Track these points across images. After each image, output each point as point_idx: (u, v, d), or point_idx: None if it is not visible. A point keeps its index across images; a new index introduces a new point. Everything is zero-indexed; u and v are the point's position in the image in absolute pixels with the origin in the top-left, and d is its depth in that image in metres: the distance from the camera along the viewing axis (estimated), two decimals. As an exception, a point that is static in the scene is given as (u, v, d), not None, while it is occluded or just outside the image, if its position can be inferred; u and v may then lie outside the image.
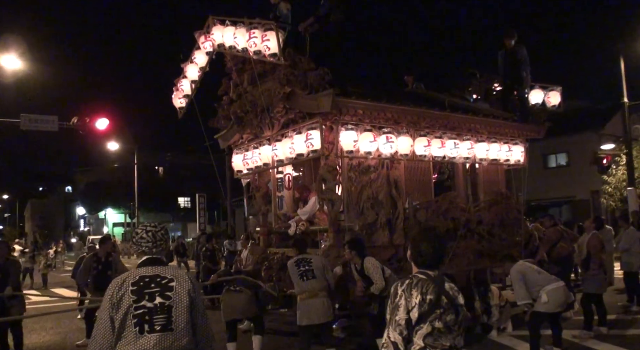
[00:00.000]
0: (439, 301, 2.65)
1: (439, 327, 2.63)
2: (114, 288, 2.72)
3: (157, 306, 2.69)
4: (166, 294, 2.74)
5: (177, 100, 8.37)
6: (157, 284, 2.75)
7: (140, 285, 2.73)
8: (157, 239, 2.93)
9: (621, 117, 20.42)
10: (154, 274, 2.79)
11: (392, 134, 7.06)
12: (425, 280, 2.70)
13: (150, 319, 2.67)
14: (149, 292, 2.71)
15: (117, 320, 2.65)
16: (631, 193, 17.49)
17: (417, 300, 2.63)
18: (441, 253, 2.90)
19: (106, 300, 2.71)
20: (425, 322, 2.63)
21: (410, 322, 2.64)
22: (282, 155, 7.33)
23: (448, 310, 2.66)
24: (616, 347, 6.84)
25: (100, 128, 19.23)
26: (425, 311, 2.63)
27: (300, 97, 6.77)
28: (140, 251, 2.93)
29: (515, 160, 8.83)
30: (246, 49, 6.62)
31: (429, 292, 2.64)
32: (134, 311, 2.66)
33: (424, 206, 7.67)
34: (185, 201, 59.15)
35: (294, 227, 7.79)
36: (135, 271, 2.82)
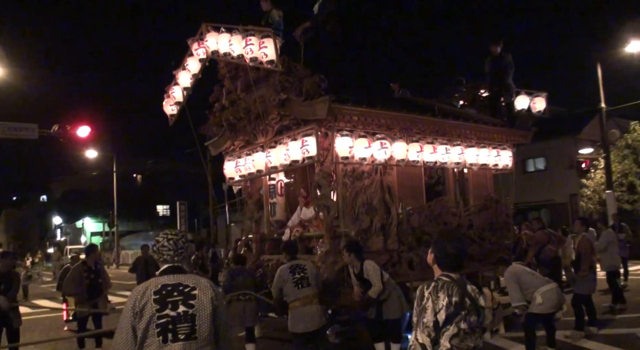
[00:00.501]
0: (463, 303, 2.70)
1: (464, 328, 2.68)
2: (136, 297, 2.70)
3: (180, 315, 2.68)
4: (189, 302, 2.72)
5: (168, 107, 8.32)
6: (179, 293, 2.73)
7: (163, 294, 2.70)
8: (179, 247, 2.91)
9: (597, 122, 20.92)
10: (177, 283, 2.77)
11: (386, 140, 7.13)
12: (450, 283, 2.74)
13: (173, 328, 2.66)
14: (172, 301, 2.70)
15: (140, 330, 2.63)
16: (609, 196, 17.88)
17: (444, 303, 2.67)
18: (463, 255, 2.94)
19: (128, 309, 2.69)
20: (451, 323, 2.67)
21: (438, 324, 2.67)
22: (276, 161, 7.34)
23: (471, 311, 2.72)
24: (607, 346, 7.00)
25: (81, 136, 19.05)
26: (452, 313, 2.67)
27: (296, 104, 6.80)
28: (162, 259, 2.91)
29: (503, 165, 8.98)
30: (242, 55, 6.64)
31: (454, 294, 2.69)
32: (157, 320, 2.64)
33: (417, 211, 7.76)
34: (164, 209, 58.55)
35: (288, 233, 7.81)
36: (157, 279, 2.80)
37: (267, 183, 8.49)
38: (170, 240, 2.92)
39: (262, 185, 8.49)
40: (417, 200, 8.04)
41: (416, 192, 8.08)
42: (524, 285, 6.37)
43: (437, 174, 8.79)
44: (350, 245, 6.32)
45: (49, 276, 27.86)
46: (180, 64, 7.85)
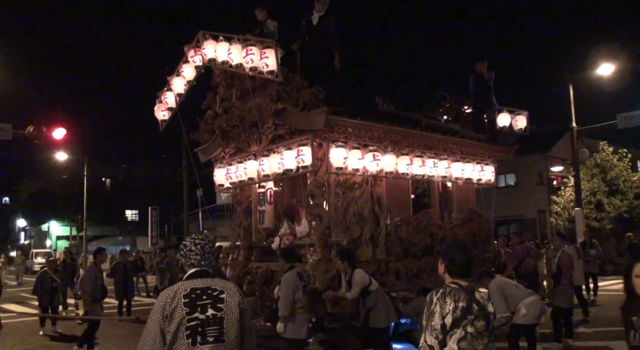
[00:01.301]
0: (471, 308, 2.87)
1: (471, 332, 2.85)
2: (165, 300, 2.73)
3: (209, 318, 2.73)
4: (218, 305, 2.78)
5: (159, 112, 8.33)
6: (208, 296, 2.79)
7: (192, 298, 2.75)
8: (206, 251, 2.95)
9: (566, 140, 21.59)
10: (205, 286, 2.82)
11: (378, 151, 7.30)
12: (458, 289, 2.94)
13: (203, 331, 2.71)
14: (201, 304, 2.75)
15: (170, 332, 2.68)
16: (578, 213, 18.42)
17: (450, 308, 2.86)
18: (471, 264, 3.14)
19: (156, 312, 2.72)
20: (458, 327, 2.85)
21: (445, 327, 2.85)
22: (268, 170, 7.41)
23: (479, 317, 2.88)
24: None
25: (56, 138, 18.70)
26: (458, 317, 2.85)
27: (292, 114, 6.91)
28: (189, 264, 2.94)
29: (486, 179, 9.24)
30: (241, 64, 6.72)
31: (461, 300, 2.88)
32: (186, 323, 2.69)
33: (405, 222, 7.93)
34: (133, 214, 57.63)
35: (278, 241, 7.87)
36: (186, 283, 2.84)
37: (257, 191, 8.54)
38: (197, 244, 2.96)
39: (252, 193, 8.55)
40: (405, 211, 8.22)
41: (403, 204, 8.25)
42: (509, 297, 6.58)
43: (424, 187, 8.98)
44: (343, 253, 6.48)
45: (11, 279, 27.10)
46: (174, 70, 7.89)
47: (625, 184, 20.52)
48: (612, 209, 20.21)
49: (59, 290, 11.54)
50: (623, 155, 21.19)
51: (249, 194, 8.57)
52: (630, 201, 20.31)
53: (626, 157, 21.17)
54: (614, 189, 20.51)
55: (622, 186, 20.46)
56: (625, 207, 20.22)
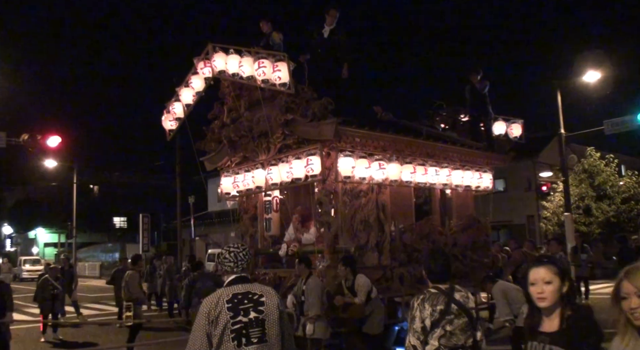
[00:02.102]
0: (449, 309, 3.19)
1: (450, 330, 3.17)
2: (210, 306, 2.91)
3: (252, 320, 2.92)
4: (259, 308, 2.97)
5: (167, 122, 8.49)
6: (249, 300, 2.98)
7: (235, 302, 2.94)
8: (239, 259, 3.12)
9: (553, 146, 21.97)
10: (245, 291, 3.01)
11: (383, 160, 7.53)
12: (436, 294, 3.25)
13: (247, 333, 2.89)
14: (244, 308, 2.93)
15: (216, 336, 2.85)
16: (568, 218, 18.75)
17: (428, 312, 3.18)
18: (448, 268, 3.48)
19: (202, 318, 2.90)
20: (438, 327, 3.17)
21: (426, 329, 3.17)
22: (277, 178, 7.59)
23: (459, 315, 3.20)
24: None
25: (51, 146, 18.68)
26: (437, 319, 3.17)
27: (301, 124, 7.11)
28: (224, 270, 3.14)
29: (484, 186, 9.52)
30: (252, 77, 6.92)
31: (439, 303, 3.19)
32: (231, 326, 2.86)
33: (409, 229, 8.16)
34: (121, 221, 57.28)
35: (285, 248, 8.05)
36: (227, 289, 3.02)
37: (262, 199, 8.72)
38: (231, 252, 3.14)
39: (257, 201, 8.72)
40: (407, 218, 8.45)
41: (406, 211, 8.48)
42: (512, 300, 6.81)
43: (426, 194, 9.22)
44: (346, 259, 6.72)
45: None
46: (182, 81, 8.05)
47: (613, 189, 21.00)
48: (600, 213, 20.68)
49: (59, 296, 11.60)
50: (610, 160, 21.67)
51: (254, 202, 8.74)
52: (617, 206, 20.78)
53: (613, 163, 21.66)
54: (602, 194, 20.99)
55: (609, 191, 20.95)
56: (613, 212, 20.69)
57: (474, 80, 9.86)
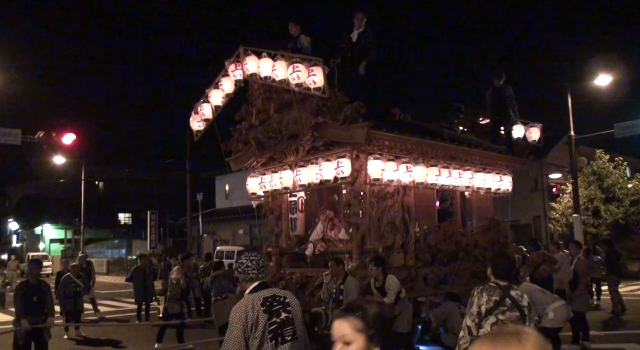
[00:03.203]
0: (503, 301, 3.75)
1: (502, 319, 3.71)
2: (245, 312, 3.10)
3: (283, 320, 3.18)
4: (287, 309, 3.23)
5: (195, 123, 8.64)
6: (278, 302, 3.22)
7: (267, 305, 3.16)
8: (260, 265, 3.35)
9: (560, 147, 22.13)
10: (272, 295, 3.26)
11: (411, 163, 7.68)
12: (494, 287, 3.83)
13: (282, 332, 3.15)
14: (275, 310, 3.18)
15: (256, 339, 3.07)
16: (576, 219, 18.97)
17: (484, 300, 3.77)
18: (511, 269, 4.13)
19: (237, 322, 3.08)
20: (491, 314, 3.72)
21: (480, 314, 3.75)
22: (306, 180, 7.74)
23: (512, 308, 3.74)
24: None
25: (66, 143, 18.89)
26: (491, 307, 3.73)
27: (332, 127, 7.26)
28: (248, 278, 3.31)
29: (504, 189, 9.66)
30: (285, 80, 7.07)
31: (495, 295, 3.77)
32: (268, 327, 3.10)
33: (433, 230, 8.32)
34: (126, 217, 57.53)
35: (312, 248, 8.21)
36: (256, 294, 3.22)
37: (288, 199, 8.88)
38: (252, 260, 3.34)
39: (283, 202, 8.88)
40: (431, 220, 8.61)
41: (430, 213, 8.64)
42: (536, 301, 6.95)
43: (450, 197, 9.37)
44: (377, 259, 6.87)
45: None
46: (213, 83, 8.20)
47: (621, 191, 21.14)
48: (609, 215, 20.81)
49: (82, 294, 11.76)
50: (619, 163, 21.80)
51: (280, 202, 8.90)
52: (626, 208, 20.92)
53: (622, 165, 21.79)
54: (611, 196, 21.13)
55: (618, 193, 21.08)
56: (622, 214, 20.83)
57: (496, 84, 9.99)
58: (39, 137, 18.19)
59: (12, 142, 18.08)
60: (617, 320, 10.97)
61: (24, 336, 6.95)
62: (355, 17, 8.28)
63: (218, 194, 35.06)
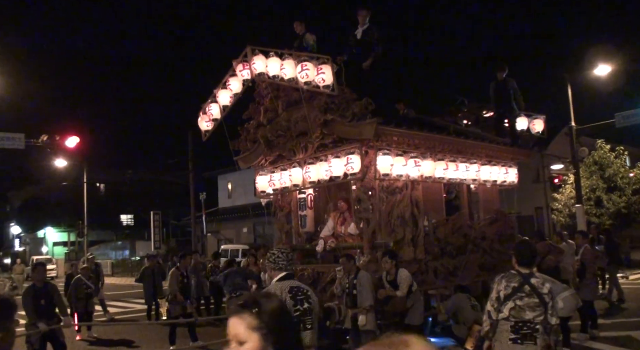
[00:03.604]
0: (522, 288, 3.99)
1: (520, 305, 3.96)
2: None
3: (306, 309, 3.49)
4: (309, 300, 3.54)
5: (203, 123, 8.72)
6: (302, 293, 3.55)
7: (293, 293, 3.50)
8: (289, 258, 3.73)
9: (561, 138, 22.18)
10: (297, 286, 3.62)
11: (419, 158, 7.77)
12: (514, 275, 4.10)
13: (304, 319, 3.46)
14: (300, 299, 3.50)
15: None
16: (579, 210, 19.09)
17: (503, 286, 4.07)
18: (534, 257, 4.33)
19: None
20: (510, 300, 4.00)
21: (500, 299, 4.05)
22: (315, 177, 7.84)
23: (530, 295, 3.97)
24: (609, 346, 7.86)
25: (69, 146, 18.94)
26: (509, 293, 4.01)
27: (340, 124, 7.35)
28: (278, 267, 3.67)
29: (510, 181, 9.77)
30: (294, 79, 7.15)
31: (514, 282, 4.05)
32: (294, 313, 3.38)
33: (442, 223, 8.42)
34: (128, 219, 57.68)
35: (322, 244, 8.31)
36: (284, 283, 3.56)
37: (297, 197, 8.97)
38: (283, 252, 3.74)
39: (292, 199, 8.97)
40: (439, 213, 8.70)
41: (437, 206, 8.74)
42: (548, 291, 7.09)
43: (456, 190, 9.46)
44: (391, 253, 6.99)
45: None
46: (220, 83, 8.28)
47: (623, 180, 21.25)
48: (611, 204, 20.94)
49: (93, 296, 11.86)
50: (620, 152, 21.92)
51: (289, 199, 8.99)
52: (628, 197, 21.05)
53: (623, 155, 21.91)
54: (612, 185, 21.25)
55: (620, 183, 21.20)
56: (624, 203, 20.95)
57: (499, 77, 10.07)
58: (42, 141, 18.22)
59: (15, 147, 18.13)
60: (621, 309, 11.09)
61: (38, 340, 7.00)
62: (358, 14, 8.36)
63: (221, 192, 35.14)
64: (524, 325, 3.94)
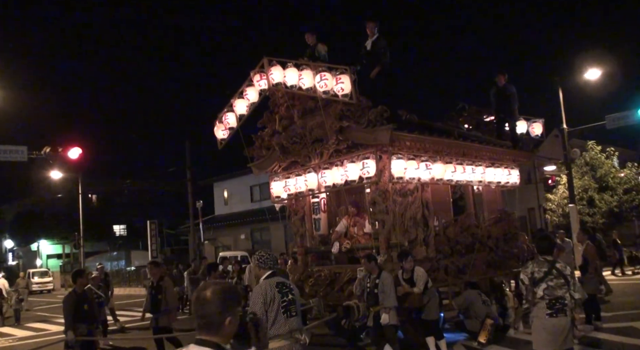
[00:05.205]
0: (551, 272, 4.77)
1: (551, 285, 4.73)
2: (265, 291, 4.16)
3: (291, 300, 4.24)
4: (292, 292, 4.30)
5: (219, 131, 9.05)
6: (286, 287, 4.29)
7: (280, 288, 4.23)
8: (273, 258, 4.44)
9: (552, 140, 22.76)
10: (281, 281, 4.33)
11: (429, 161, 8.17)
12: (543, 262, 4.88)
13: (290, 308, 4.20)
14: (285, 291, 4.24)
15: (273, 311, 4.12)
16: (572, 209, 19.59)
17: (535, 269, 4.83)
18: (552, 246, 5.18)
19: (259, 298, 4.14)
20: (543, 281, 4.75)
21: (534, 280, 4.79)
22: (330, 181, 8.20)
23: (557, 277, 4.75)
24: (614, 336, 8.25)
25: (72, 157, 19.14)
26: (542, 277, 4.77)
27: (356, 131, 7.72)
28: (266, 267, 4.34)
29: (512, 182, 10.20)
30: (312, 88, 7.52)
31: (544, 267, 4.81)
32: (282, 304, 4.16)
33: (452, 223, 8.81)
34: (121, 229, 57.55)
35: (337, 246, 8.65)
36: (271, 279, 4.27)
37: (310, 201, 9.32)
38: (269, 254, 4.45)
39: (305, 203, 9.32)
40: (447, 214, 9.11)
41: (445, 207, 9.14)
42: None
43: (461, 191, 9.86)
44: (409, 254, 7.39)
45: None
46: (237, 92, 8.63)
47: (614, 180, 21.82)
48: (603, 204, 21.48)
49: (105, 305, 12.06)
50: (611, 153, 22.51)
51: (303, 204, 9.33)
52: (619, 196, 21.61)
53: (614, 155, 22.50)
54: (604, 185, 21.81)
55: (611, 182, 21.76)
56: (616, 202, 21.52)
57: (499, 83, 10.51)
58: (45, 153, 18.40)
59: (18, 159, 18.29)
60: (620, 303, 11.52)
61: (79, 344, 7.24)
62: (367, 26, 8.75)
63: (217, 200, 35.31)
64: (556, 302, 4.72)
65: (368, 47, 8.50)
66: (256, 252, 4.54)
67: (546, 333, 4.79)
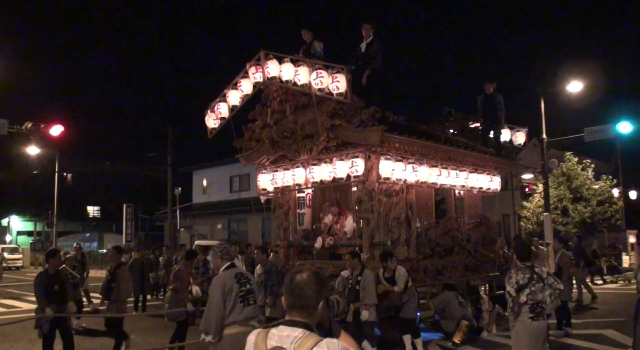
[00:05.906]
0: (532, 277, 5.01)
1: (534, 290, 4.97)
2: (224, 282, 4.46)
3: (248, 290, 4.55)
4: (250, 282, 4.62)
5: (210, 121, 9.07)
6: (244, 277, 4.60)
7: (238, 278, 4.53)
8: (232, 250, 4.89)
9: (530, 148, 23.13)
10: (239, 272, 4.67)
11: (416, 164, 8.32)
12: (525, 268, 5.10)
13: (247, 297, 4.51)
14: (243, 282, 4.54)
15: (231, 300, 4.41)
16: (547, 218, 20.00)
17: (520, 277, 5.02)
18: (529, 253, 5.31)
19: (219, 288, 4.43)
20: (526, 287, 4.98)
21: (518, 286, 4.99)
22: (318, 177, 8.30)
23: (538, 282, 5.00)
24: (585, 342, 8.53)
25: (53, 134, 18.89)
26: (525, 283, 4.99)
27: (347, 129, 7.83)
28: (227, 258, 4.69)
29: (494, 188, 10.44)
30: (307, 84, 7.60)
31: (527, 273, 5.02)
32: (239, 293, 4.46)
33: (433, 226, 8.99)
34: (95, 210, 56.88)
35: (321, 242, 8.76)
36: (229, 272, 4.58)
37: (296, 195, 9.41)
38: (230, 247, 4.94)
39: (291, 197, 9.40)
40: (429, 216, 9.29)
41: (428, 209, 9.33)
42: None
43: (443, 195, 10.06)
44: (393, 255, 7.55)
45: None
46: (231, 83, 8.66)
47: (589, 191, 22.36)
48: (577, 214, 22.01)
49: (79, 285, 11.99)
50: (587, 165, 23.05)
51: (289, 197, 9.42)
52: (593, 208, 22.16)
53: (589, 167, 23.05)
54: (578, 196, 22.33)
55: (585, 194, 22.30)
56: (588, 213, 22.06)
57: (487, 91, 10.72)
58: (26, 128, 18.11)
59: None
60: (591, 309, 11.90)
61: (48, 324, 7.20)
62: (362, 28, 8.84)
63: (195, 188, 35.10)
64: (537, 306, 5.00)
65: (362, 49, 8.59)
66: (218, 243, 4.96)
67: (529, 336, 5.00)
